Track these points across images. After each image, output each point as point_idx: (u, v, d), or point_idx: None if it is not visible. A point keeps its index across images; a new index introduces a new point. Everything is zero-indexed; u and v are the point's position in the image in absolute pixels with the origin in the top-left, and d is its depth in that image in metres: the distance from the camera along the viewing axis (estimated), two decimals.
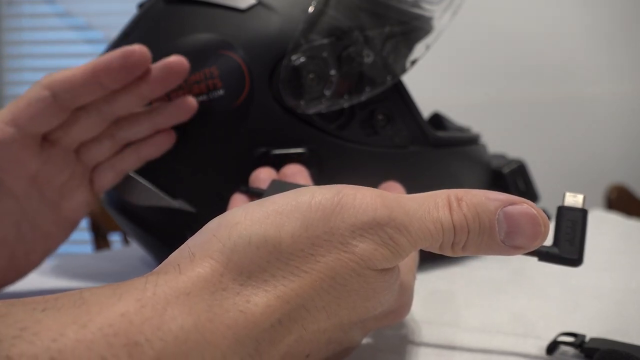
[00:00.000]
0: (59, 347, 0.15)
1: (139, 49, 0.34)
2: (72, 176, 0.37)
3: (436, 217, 0.21)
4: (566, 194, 0.26)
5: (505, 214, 0.21)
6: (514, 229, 0.21)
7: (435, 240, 0.21)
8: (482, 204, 0.22)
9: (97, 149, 0.37)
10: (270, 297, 0.19)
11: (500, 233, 0.21)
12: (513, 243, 0.22)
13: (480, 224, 0.21)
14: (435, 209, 0.21)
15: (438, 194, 0.22)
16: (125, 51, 0.34)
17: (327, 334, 0.21)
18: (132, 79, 0.35)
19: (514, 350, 0.28)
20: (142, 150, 0.38)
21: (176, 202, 0.39)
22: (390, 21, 0.42)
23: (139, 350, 0.16)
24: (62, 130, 0.35)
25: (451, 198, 0.22)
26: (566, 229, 0.25)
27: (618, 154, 1.65)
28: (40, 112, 0.33)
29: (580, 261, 0.24)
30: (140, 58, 0.34)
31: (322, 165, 0.39)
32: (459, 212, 0.21)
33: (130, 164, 0.38)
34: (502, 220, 0.21)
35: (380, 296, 0.21)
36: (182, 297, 0.18)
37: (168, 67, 0.35)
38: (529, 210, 0.22)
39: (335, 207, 0.20)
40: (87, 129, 0.36)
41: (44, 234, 0.36)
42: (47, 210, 0.36)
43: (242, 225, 0.20)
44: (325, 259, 0.20)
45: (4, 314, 0.16)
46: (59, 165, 0.36)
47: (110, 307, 0.17)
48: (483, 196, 0.22)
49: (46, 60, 1.80)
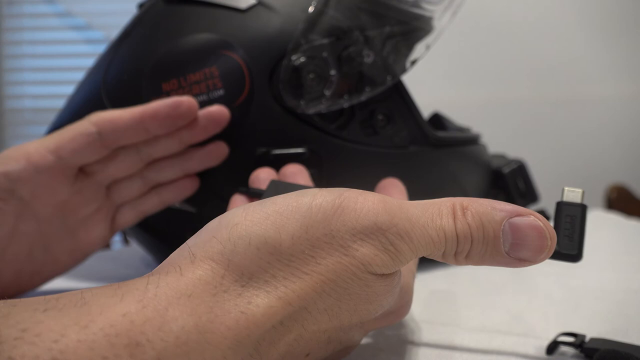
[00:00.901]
0: (61, 347, 0.15)
1: (187, 101, 0.35)
2: (98, 210, 0.37)
3: (439, 225, 0.21)
4: (565, 189, 0.25)
5: (511, 226, 0.21)
6: (520, 241, 0.21)
7: (438, 248, 0.21)
8: (487, 214, 0.21)
9: (128, 188, 0.37)
10: (272, 298, 0.19)
11: (505, 244, 0.21)
12: (518, 255, 0.21)
13: (484, 234, 0.21)
14: (439, 217, 0.21)
15: (443, 202, 0.22)
16: (174, 102, 0.34)
17: (327, 334, 0.21)
18: (177, 127, 0.35)
19: (514, 350, 0.28)
20: (165, 194, 0.38)
21: (176, 202, 0.39)
22: (390, 21, 0.42)
23: (140, 351, 0.16)
24: (100, 165, 0.36)
25: (456, 206, 0.21)
26: (565, 224, 0.24)
27: (618, 154, 1.65)
28: (84, 146, 0.34)
29: (580, 256, 0.24)
30: (187, 110, 0.35)
31: (322, 165, 0.39)
32: (463, 221, 0.21)
33: (152, 206, 0.38)
34: (507, 232, 0.21)
35: (381, 299, 0.21)
36: (184, 299, 0.18)
37: (211, 116, 0.36)
38: (535, 223, 0.21)
39: (337, 210, 0.20)
40: (123, 167, 0.36)
41: (54, 260, 0.36)
42: (64, 238, 0.36)
43: (241, 226, 0.20)
44: (325, 262, 0.20)
45: (6, 314, 0.16)
46: (88, 197, 0.36)
47: (112, 308, 0.17)
48: (489, 206, 0.21)
49: (46, 60, 1.80)
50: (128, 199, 0.38)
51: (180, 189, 0.38)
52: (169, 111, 0.34)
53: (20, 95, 1.81)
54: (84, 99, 0.41)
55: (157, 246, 0.43)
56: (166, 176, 0.37)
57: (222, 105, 0.36)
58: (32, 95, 1.81)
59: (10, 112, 1.80)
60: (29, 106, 1.81)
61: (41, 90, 1.81)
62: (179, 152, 0.37)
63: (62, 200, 0.35)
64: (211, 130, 0.36)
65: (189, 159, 0.37)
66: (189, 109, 0.35)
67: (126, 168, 0.36)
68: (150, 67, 0.38)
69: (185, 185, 0.38)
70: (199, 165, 0.37)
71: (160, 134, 0.35)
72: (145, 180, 0.37)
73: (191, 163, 0.37)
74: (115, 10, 1.68)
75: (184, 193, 0.38)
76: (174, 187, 0.38)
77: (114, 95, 0.39)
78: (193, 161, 0.37)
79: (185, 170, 0.37)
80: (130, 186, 0.37)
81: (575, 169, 1.62)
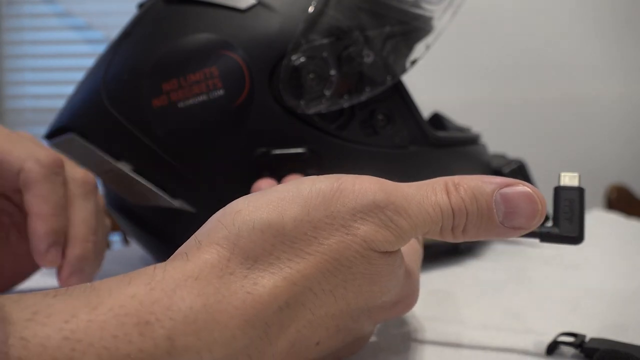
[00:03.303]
0: (72, 327, 0.16)
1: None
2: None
3: (434, 201, 0.22)
4: (561, 174, 0.26)
5: (502, 196, 0.22)
6: (512, 209, 0.22)
7: (435, 223, 0.22)
8: (478, 187, 0.22)
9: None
10: (277, 278, 0.20)
11: (498, 215, 0.22)
12: (512, 224, 0.22)
13: (478, 207, 0.22)
14: (433, 194, 0.22)
15: (435, 181, 0.23)
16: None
17: (336, 320, 0.22)
18: None
19: (514, 349, 0.28)
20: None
21: (176, 202, 0.39)
22: (390, 21, 0.42)
23: (149, 329, 0.17)
24: None
25: (448, 183, 0.23)
26: (564, 208, 0.25)
27: (618, 154, 1.65)
28: None
29: (582, 238, 0.24)
30: None
31: (322, 165, 0.39)
32: (457, 196, 0.22)
33: None
34: (499, 202, 0.22)
35: (385, 280, 0.22)
36: (191, 281, 0.18)
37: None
38: (524, 190, 0.22)
39: (335, 193, 0.21)
40: None
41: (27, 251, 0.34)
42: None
43: (245, 212, 0.21)
44: (328, 242, 0.20)
45: (17, 300, 0.17)
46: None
47: (120, 290, 0.17)
48: (479, 180, 0.22)
49: (46, 60, 1.80)
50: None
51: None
52: None
53: (20, 95, 1.81)
54: (84, 99, 0.41)
55: (157, 246, 0.43)
56: None
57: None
58: (32, 95, 1.81)
59: (11, 112, 1.80)
60: (29, 106, 1.81)
61: (41, 90, 1.81)
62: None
63: None
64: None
65: None
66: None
67: None
68: (150, 67, 0.38)
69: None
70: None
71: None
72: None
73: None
74: (115, 10, 1.68)
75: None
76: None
77: (114, 95, 0.39)
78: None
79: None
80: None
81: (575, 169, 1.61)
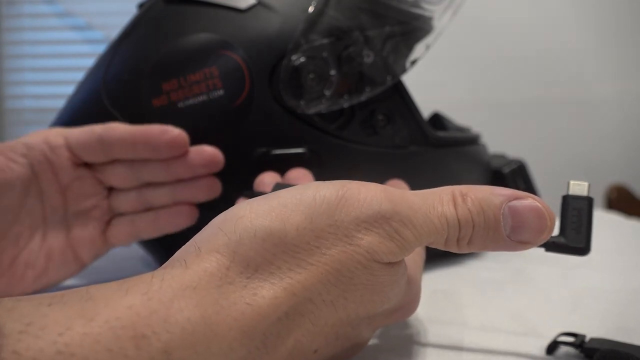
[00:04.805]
0: (66, 340, 0.15)
1: (177, 133, 0.35)
2: (95, 207, 0.37)
3: (441, 212, 0.21)
4: (570, 183, 0.25)
5: (511, 209, 0.22)
6: (520, 223, 0.21)
7: (441, 235, 0.21)
8: (486, 199, 0.22)
9: (124, 199, 0.37)
10: (277, 289, 0.19)
11: (505, 228, 0.22)
12: (519, 238, 0.22)
13: (485, 219, 0.21)
14: (440, 204, 0.22)
15: (442, 190, 0.22)
16: (162, 129, 0.35)
17: (335, 328, 0.21)
18: (165, 156, 0.36)
19: (514, 350, 0.28)
20: (160, 219, 0.37)
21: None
22: (390, 21, 0.42)
23: (146, 342, 0.16)
24: (101, 167, 0.37)
25: (455, 193, 0.22)
26: (572, 217, 0.24)
27: (618, 154, 1.65)
28: (86, 143, 0.35)
29: (588, 250, 0.24)
30: (172, 139, 0.35)
31: (322, 166, 0.39)
32: (464, 207, 0.21)
33: (147, 225, 0.37)
34: (507, 215, 0.21)
35: (387, 290, 0.21)
36: (189, 291, 0.18)
37: (202, 155, 0.36)
38: (534, 205, 0.22)
39: (340, 201, 0.21)
40: (119, 178, 0.37)
41: (47, 254, 0.36)
42: (60, 231, 0.36)
43: (247, 219, 0.20)
44: (330, 252, 0.20)
45: (11, 308, 0.16)
46: (88, 189, 0.36)
47: (117, 301, 0.17)
48: (488, 191, 0.22)
49: (46, 60, 1.80)
50: (124, 210, 0.38)
51: (176, 217, 0.37)
52: (156, 135, 0.35)
53: (20, 95, 1.81)
54: (84, 99, 0.41)
55: (157, 246, 0.43)
56: (160, 200, 0.37)
57: (216, 149, 0.36)
58: (32, 95, 1.81)
59: (11, 112, 1.80)
60: (29, 106, 1.81)
61: (41, 90, 1.81)
62: (171, 181, 0.37)
63: (64, 185, 0.36)
64: (200, 169, 0.36)
65: (180, 190, 0.37)
66: (173, 139, 0.35)
67: (121, 180, 0.37)
68: (150, 67, 0.38)
69: (182, 214, 0.37)
70: (190, 197, 0.37)
71: (148, 157, 0.35)
72: (141, 198, 0.37)
73: (182, 194, 0.37)
74: (115, 10, 1.68)
75: (179, 222, 0.37)
76: (169, 214, 0.37)
77: (113, 95, 0.39)
78: (184, 193, 0.37)
79: (176, 197, 0.37)
80: (127, 198, 0.37)
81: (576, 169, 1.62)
